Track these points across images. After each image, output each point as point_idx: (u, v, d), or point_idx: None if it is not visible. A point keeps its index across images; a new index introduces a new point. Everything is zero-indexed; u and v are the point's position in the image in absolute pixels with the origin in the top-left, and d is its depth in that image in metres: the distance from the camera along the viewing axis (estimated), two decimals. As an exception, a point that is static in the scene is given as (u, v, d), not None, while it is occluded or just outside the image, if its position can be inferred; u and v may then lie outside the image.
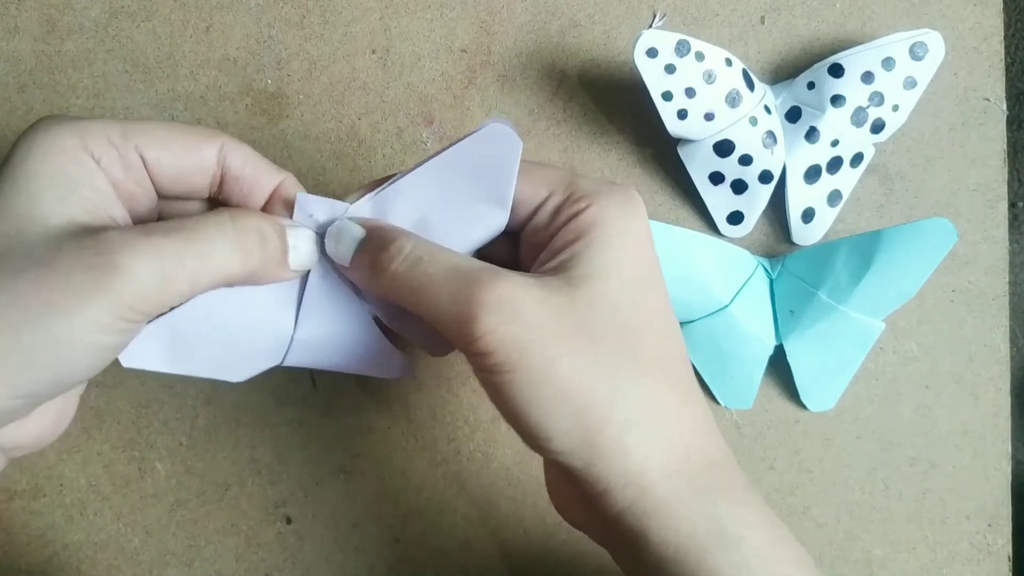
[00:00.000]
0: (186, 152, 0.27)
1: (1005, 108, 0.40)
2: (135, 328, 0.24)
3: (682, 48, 0.35)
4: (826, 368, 0.38)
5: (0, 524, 0.38)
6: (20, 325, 0.22)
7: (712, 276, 0.37)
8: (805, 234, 0.39)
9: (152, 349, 0.27)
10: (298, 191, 0.28)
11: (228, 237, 0.25)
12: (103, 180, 0.25)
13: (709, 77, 0.35)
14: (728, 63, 0.36)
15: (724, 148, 0.37)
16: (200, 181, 0.28)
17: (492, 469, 0.39)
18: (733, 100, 0.36)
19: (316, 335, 0.29)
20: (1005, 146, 0.40)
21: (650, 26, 0.40)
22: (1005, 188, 0.40)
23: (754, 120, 0.37)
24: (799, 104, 0.38)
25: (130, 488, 0.38)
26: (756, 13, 0.40)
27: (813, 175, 0.38)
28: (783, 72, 0.40)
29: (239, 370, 0.29)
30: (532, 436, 0.25)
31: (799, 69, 0.38)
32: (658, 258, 0.27)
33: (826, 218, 0.39)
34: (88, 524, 0.38)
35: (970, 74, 0.40)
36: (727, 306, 0.37)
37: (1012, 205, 0.41)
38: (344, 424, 0.39)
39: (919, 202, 0.40)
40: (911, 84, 0.37)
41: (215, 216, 0.26)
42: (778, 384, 0.40)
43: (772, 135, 0.37)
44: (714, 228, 0.39)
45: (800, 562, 0.25)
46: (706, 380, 0.39)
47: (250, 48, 0.39)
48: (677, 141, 0.38)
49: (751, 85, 0.37)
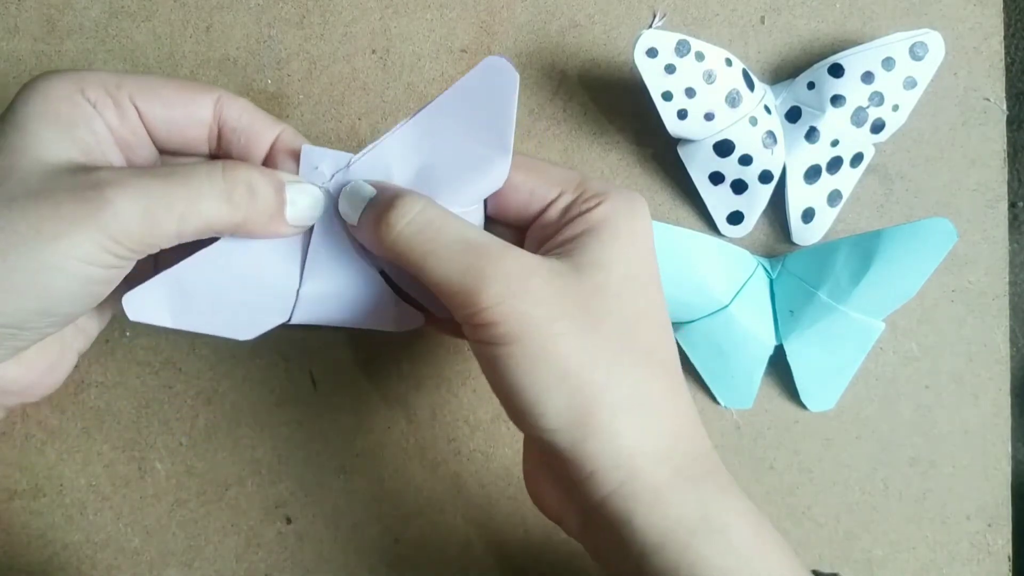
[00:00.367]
0: (181, 103, 0.27)
1: (1005, 108, 0.40)
2: (120, 265, 0.25)
3: (682, 48, 0.35)
4: (826, 368, 0.38)
5: (0, 524, 0.38)
6: (7, 249, 0.23)
7: (712, 276, 0.37)
8: (805, 234, 0.39)
9: (157, 302, 0.27)
10: (299, 141, 0.29)
11: (217, 186, 0.25)
12: (100, 124, 0.26)
13: (709, 77, 0.35)
14: (728, 63, 0.36)
15: (724, 148, 0.37)
16: (197, 134, 0.28)
17: (492, 469, 0.39)
18: (733, 100, 0.36)
19: (322, 290, 0.29)
20: (1005, 146, 0.40)
21: (650, 26, 0.40)
22: (1005, 188, 0.40)
23: (754, 120, 0.37)
24: (799, 104, 0.38)
25: (130, 488, 0.38)
26: (756, 13, 0.40)
27: (813, 175, 0.38)
28: (783, 72, 0.40)
29: (246, 327, 0.29)
30: (524, 412, 0.25)
31: (799, 69, 0.38)
32: (657, 258, 0.28)
33: (826, 218, 0.39)
34: (88, 524, 0.38)
35: (970, 74, 0.40)
36: (727, 306, 0.37)
37: (1012, 205, 0.41)
38: (344, 424, 0.39)
39: (919, 202, 0.40)
40: (911, 84, 0.37)
41: (208, 165, 0.26)
42: (778, 384, 0.40)
43: (772, 135, 0.37)
44: (714, 228, 0.39)
45: (782, 551, 0.26)
46: (706, 380, 0.39)
47: (250, 48, 0.39)
48: (677, 141, 0.38)
49: (751, 85, 0.37)
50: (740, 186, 0.38)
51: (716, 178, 0.38)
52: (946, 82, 0.40)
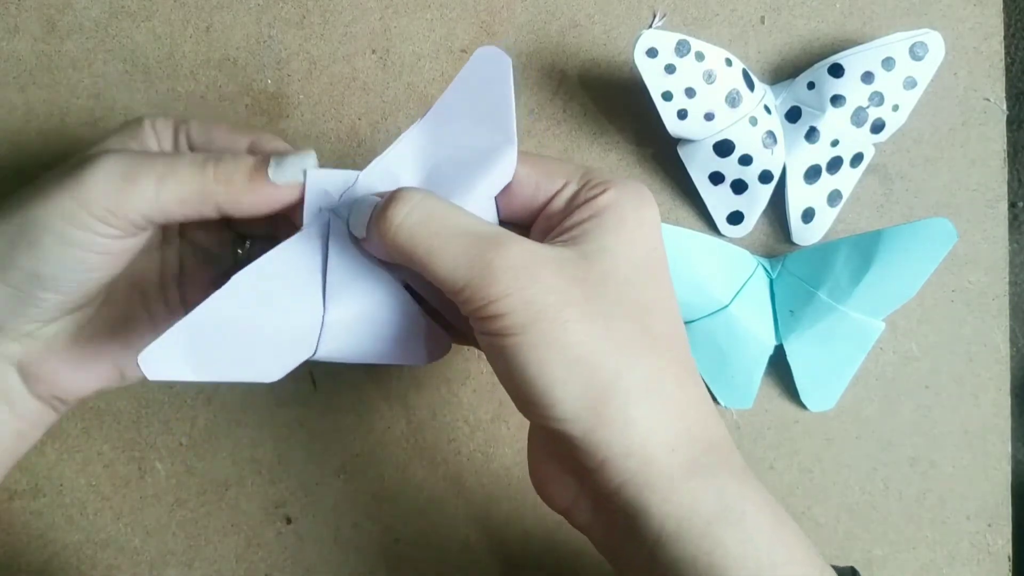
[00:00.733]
0: (223, 139, 0.30)
1: (1005, 108, 0.40)
2: (106, 233, 0.26)
3: (682, 48, 0.35)
4: (826, 368, 0.38)
5: (0, 524, 0.38)
6: (12, 208, 0.26)
7: (712, 276, 0.37)
8: (805, 234, 0.39)
9: (175, 355, 0.26)
10: (274, 143, 0.30)
11: (196, 159, 0.27)
12: (154, 143, 0.30)
13: (709, 77, 0.35)
14: (728, 63, 0.36)
15: (724, 148, 0.37)
16: None
17: (492, 469, 0.39)
18: (733, 100, 0.36)
19: (347, 315, 0.28)
20: (1005, 146, 0.40)
21: (650, 26, 0.40)
22: (1005, 188, 0.40)
23: (754, 120, 0.37)
24: (799, 104, 0.38)
25: (130, 488, 0.38)
26: (756, 13, 0.40)
27: (813, 175, 0.38)
28: (783, 72, 0.40)
29: (271, 368, 0.27)
30: (535, 402, 0.25)
31: (799, 69, 0.38)
32: (665, 248, 0.28)
33: (826, 218, 0.39)
34: (88, 524, 0.38)
35: (970, 74, 0.40)
36: (727, 306, 0.37)
37: (1012, 205, 0.41)
38: (344, 424, 0.39)
39: (919, 202, 0.40)
40: (911, 84, 0.37)
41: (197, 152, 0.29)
42: (778, 384, 0.40)
43: (772, 135, 0.37)
44: (714, 228, 0.39)
45: (800, 540, 0.25)
46: (706, 380, 0.39)
47: (250, 48, 0.39)
48: (677, 141, 0.38)
49: (751, 85, 0.37)
50: (740, 186, 0.38)
51: (716, 178, 0.38)
52: (946, 82, 0.40)
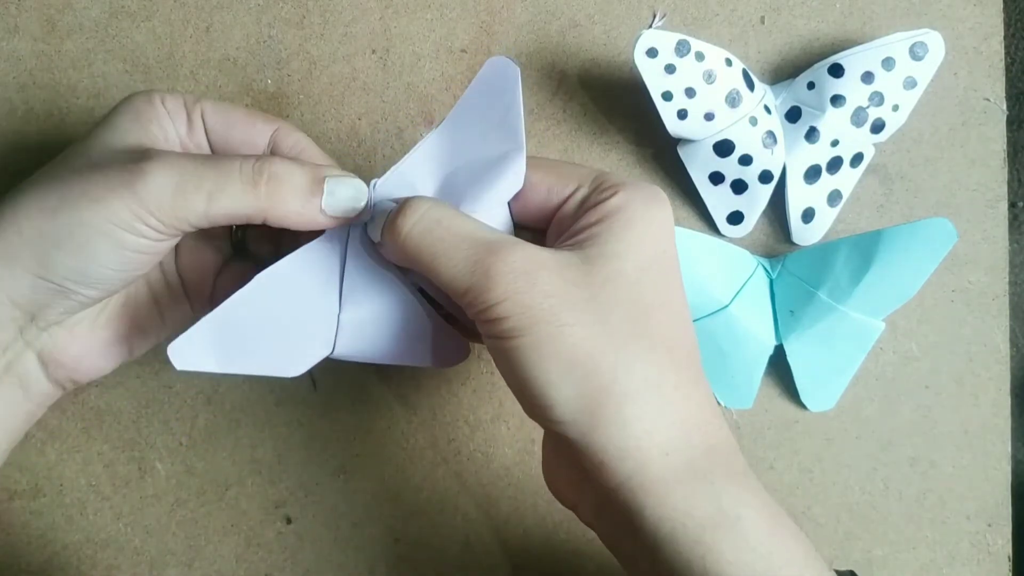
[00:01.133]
0: (242, 125, 0.30)
1: (1005, 108, 0.40)
2: (155, 238, 0.27)
3: (682, 48, 0.35)
4: (826, 368, 0.38)
5: (0, 524, 0.38)
6: (57, 209, 0.26)
7: (712, 276, 0.37)
8: (805, 234, 0.39)
9: (202, 348, 0.27)
10: (294, 135, 0.30)
11: (246, 172, 0.27)
12: (170, 127, 0.30)
13: (709, 77, 0.35)
14: (728, 63, 0.36)
15: (724, 148, 0.37)
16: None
17: (492, 469, 0.39)
18: (733, 100, 0.36)
19: (362, 316, 0.29)
20: (1005, 146, 0.40)
21: (650, 26, 0.40)
22: (1005, 188, 0.40)
23: (754, 120, 0.37)
24: (799, 104, 0.38)
25: (130, 488, 0.38)
26: (756, 13, 0.40)
27: (813, 175, 0.38)
28: (783, 72, 0.40)
29: (292, 364, 0.29)
30: (535, 404, 0.25)
31: (799, 69, 0.38)
32: (676, 250, 0.28)
33: (826, 218, 0.39)
34: (88, 524, 0.38)
35: (970, 74, 0.40)
36: (727, 306, 0.37)
37: (1012, 205, 0.41)
38: (344, 424, 0.39)
39: (919, 202, 0.40)
40: (911, 84, 0.37)
41: (245, 155, 0.28)
42: (778, 384, 0.40)
43: (772, 135, 0.37)
44: (714, 228, 0.39)
45: (800, 544, 0.25)
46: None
47: (250, 48, 0.39)
48: (677, 141, 0.38)
49: (751, 85, 0.37)
50: (740, 186, 0.38)
51: (716, 178, 0.38)
52: (946, 82, 0.40)
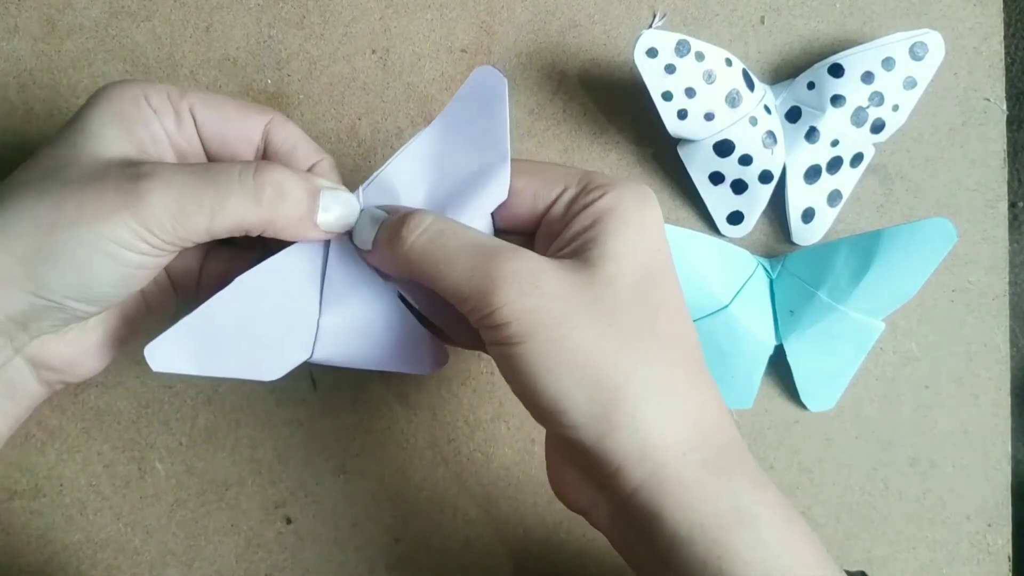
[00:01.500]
0: (235, 119, 0.29)
1: (1005, 108, 0.40)
2: (156, 254, 0.26)
3: (682, 48, 0.35)
4: (826, 368, 0.38)
5: (0, 524, 0.38)
6: (54, 226, 0.25)
7: (712, 276, 0.37)
8: (805, 234, 0.39)
9: (180, 350, 0.27)
10: (333, 175, 0.30)
11: (246, 185, 0.26)
12: (159, 128, 0.28)
13: (709, 77, 0.35)
14: (728, 63, 0.36)
15: (724, 148, 0.37)
16: (245, 151, 0.29)
17: (492, 469, 0.39)
18: (733, 100, 0.36)
19: (341, 321, 0.29)
20: (1005, 146, 0.40)
21: (650, 26, 0.40)
22: (1005, 188, 0.40)
23: (754, 120, 0.37)
24: (799, 104, 0.38)
25: (130, 488, 0.38)
26: (756, 13, 0.40)
27: (813, 175, 0.38)
28: (783, 72, 0.40)
29: (270, 367, 0.29)
30: (545, 410, 0.25)
31: (799, 69, 0.38)
32: (670, 248, 0.28)
33: (826, 218, 0.39)
34: (88, 524, 0.38)
35: (970, 74, 0.40)
36: (727, 306, 0.37)
37: (1012, 205, 0.41)
38: (344, 424, 0.39)
39: (919, 202, 0.40)
40: (911, 84, 0.37)
41: (243, 164, 0.27)
42: (778, 384, 0.40)
43: (772, 135, 0.37)
44: (714, 228, 0.39)
45: (812, 543, 0.25)
46: (706, 380, 0.39)
47: (250, 48, 0.39)
48: (677, 141, 0.38)
49: (751, 85, 0.37)
50: (740, 186, 0.38)
51: (716, 178, 0.38)
52: (946, 82, 0.40)
